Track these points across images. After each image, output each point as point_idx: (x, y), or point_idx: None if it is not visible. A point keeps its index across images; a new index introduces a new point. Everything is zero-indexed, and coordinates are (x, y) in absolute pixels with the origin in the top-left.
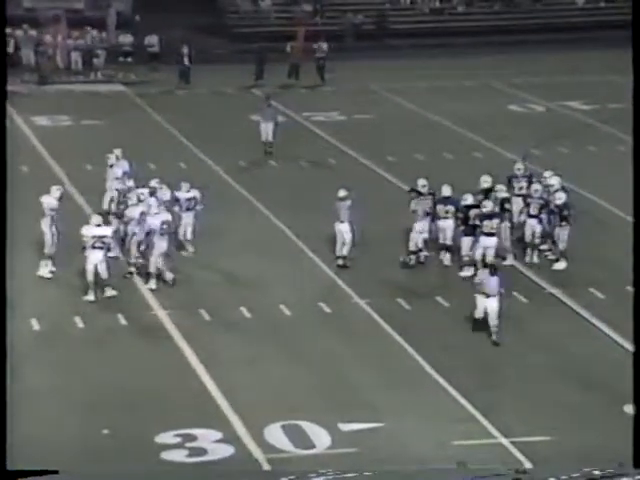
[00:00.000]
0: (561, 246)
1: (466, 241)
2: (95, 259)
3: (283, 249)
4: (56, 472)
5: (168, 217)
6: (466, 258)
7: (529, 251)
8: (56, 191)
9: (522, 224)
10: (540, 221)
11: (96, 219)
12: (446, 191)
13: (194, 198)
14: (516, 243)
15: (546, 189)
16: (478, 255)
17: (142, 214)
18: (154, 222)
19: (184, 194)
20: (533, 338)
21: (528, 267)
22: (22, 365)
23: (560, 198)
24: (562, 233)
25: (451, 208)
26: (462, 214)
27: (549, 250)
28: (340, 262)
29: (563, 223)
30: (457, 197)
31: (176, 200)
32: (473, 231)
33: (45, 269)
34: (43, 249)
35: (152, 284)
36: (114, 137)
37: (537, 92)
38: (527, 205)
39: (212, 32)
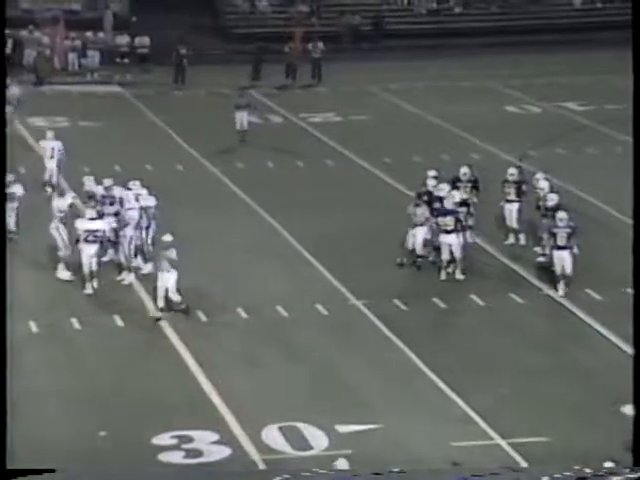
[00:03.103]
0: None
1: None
2: (89, 253)
3: (280, 250)
4: (53, 471)
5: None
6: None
7: (560, 284)
8: (69, 198)
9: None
10: (571, 251)
11: (90, 213)
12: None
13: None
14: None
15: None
16: (444, 255)
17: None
18: (130, 214)
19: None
20: (531, 339)
21: (526, 268)
22: (21, 366)
23: (552, 199)
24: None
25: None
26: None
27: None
28: (183, 306)
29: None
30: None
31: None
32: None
33: (64, 272)
34: (57, 252)
35: (130, 277)
36: (111, 138)
37: (534, 93)
38: (553, 235)
39: (209, 33)
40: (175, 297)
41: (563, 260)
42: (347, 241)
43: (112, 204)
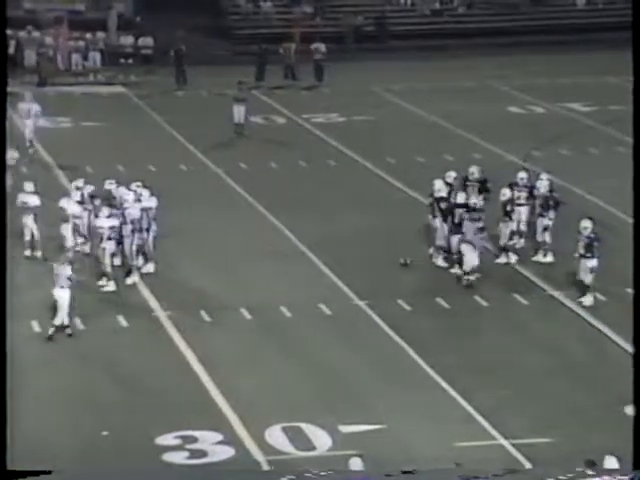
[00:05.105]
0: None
1: (454, 239)
2: (110, 250)
3: (283, 250)
4: (49, 472)
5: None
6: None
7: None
8: (77, 195)
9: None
10: (590, 260)
11: (106, 211)
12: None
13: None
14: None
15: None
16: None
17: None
18: (131, 215)
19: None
20: (533, 339)
21: (530, 269)
22: (22, 366)
23: (544, 187)
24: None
25: None
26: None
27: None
28: (69, 331)
29: (544, 213)
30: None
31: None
32: (459, 229)
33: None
34: (65, 252)
35: (135, 277)
36: (114, 139)
37: (537, 94)
38: (577, 241)
39: (213, 33)
40: (65, 319)
41: (585, 265)
42: (350, 241)
43: (115, 205)
